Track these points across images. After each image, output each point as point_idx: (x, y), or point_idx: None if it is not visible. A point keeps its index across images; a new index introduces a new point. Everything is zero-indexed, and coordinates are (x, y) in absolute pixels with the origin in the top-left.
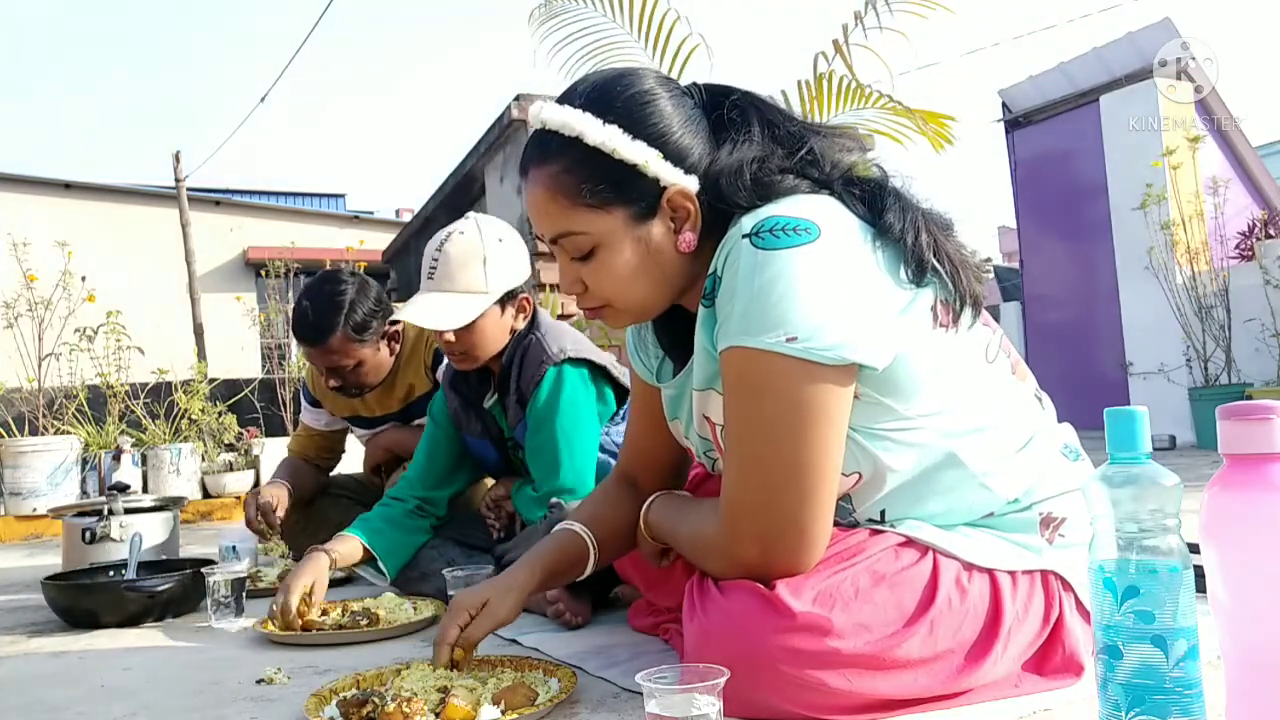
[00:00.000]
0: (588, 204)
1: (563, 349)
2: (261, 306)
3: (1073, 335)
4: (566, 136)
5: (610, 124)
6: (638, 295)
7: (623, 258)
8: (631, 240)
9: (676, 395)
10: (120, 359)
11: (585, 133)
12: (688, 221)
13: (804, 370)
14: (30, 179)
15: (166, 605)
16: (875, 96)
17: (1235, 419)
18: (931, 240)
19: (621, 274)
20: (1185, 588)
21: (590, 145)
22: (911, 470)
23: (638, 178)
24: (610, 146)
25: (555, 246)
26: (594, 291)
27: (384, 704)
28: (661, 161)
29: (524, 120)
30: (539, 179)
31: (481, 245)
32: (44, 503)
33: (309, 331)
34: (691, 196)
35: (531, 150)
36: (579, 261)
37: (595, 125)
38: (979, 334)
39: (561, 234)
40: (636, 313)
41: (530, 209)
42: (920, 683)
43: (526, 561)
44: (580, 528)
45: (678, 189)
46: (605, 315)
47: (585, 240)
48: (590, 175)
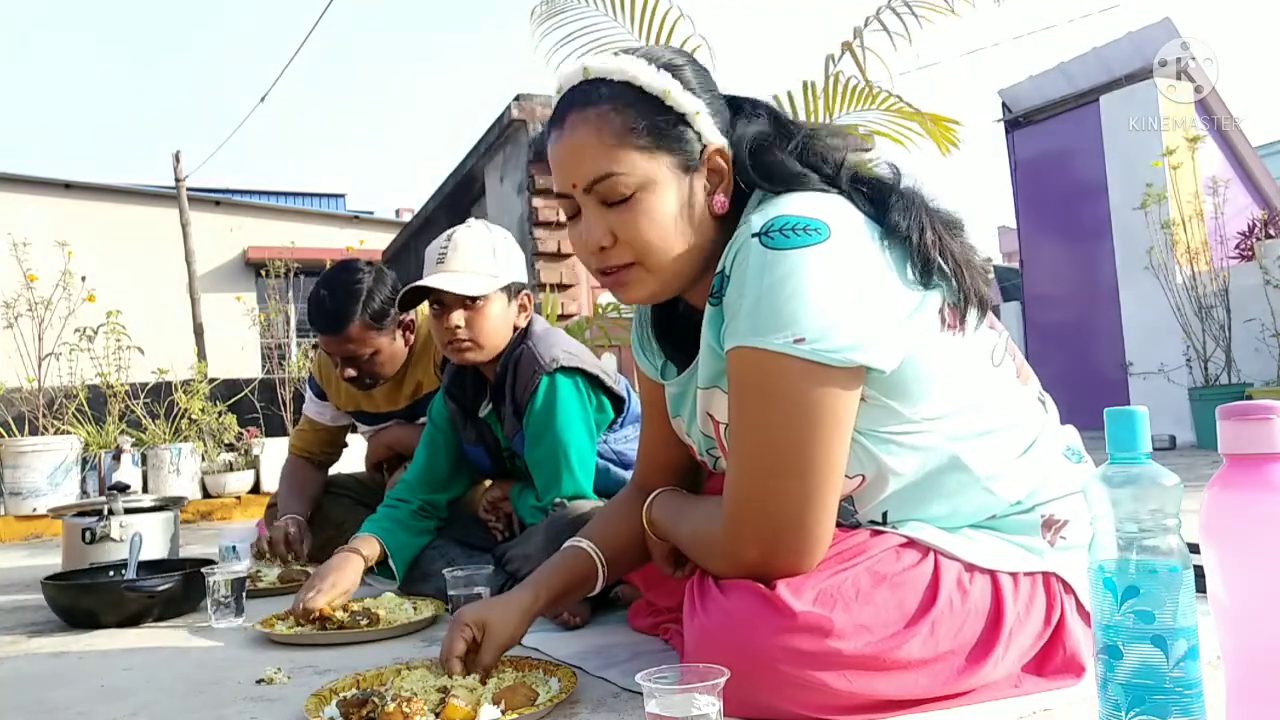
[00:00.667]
0: (636, 145)
1: (554, 358)
2: (261, 306)
3: (1073, 335)
4: (617, 81)
5: (663, 71)
6: (670, 250)
7: (664, 205)
8: (675, 189)
9: (680, 393)
10: (120, 359)
11: (639, 75)
12: (722, 184)
13: (811, 372)
14: (30, 179)
15: (166, 605)
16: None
17: (1235, 419)
18: (937, 239)
19: (661, 221)
20: (1185, 588)
21: (643, 88)
22: (915, 473)
23: (684, 129)
24: (664, 88)
25: (587, 196)
26: (626, 242)
27: (384, 704)
28: (707, 116)
29: (524, 120)
30: (584, 119)
31: (490, 236)
32: (44, 503)
33: (327, 320)
34: (728, 157)
35: (574, 97)
36: (613, 210)
37: (650, 70)
38: (985, 337)
39: (604, 175)
40: (662, 276)
41: (567, 153)
42: (921, 683)
43: (533, 582)
44: (589, 545)
45: (716, 148)
46: (628, 278)
47: (628, 182)
48: (642, 116)
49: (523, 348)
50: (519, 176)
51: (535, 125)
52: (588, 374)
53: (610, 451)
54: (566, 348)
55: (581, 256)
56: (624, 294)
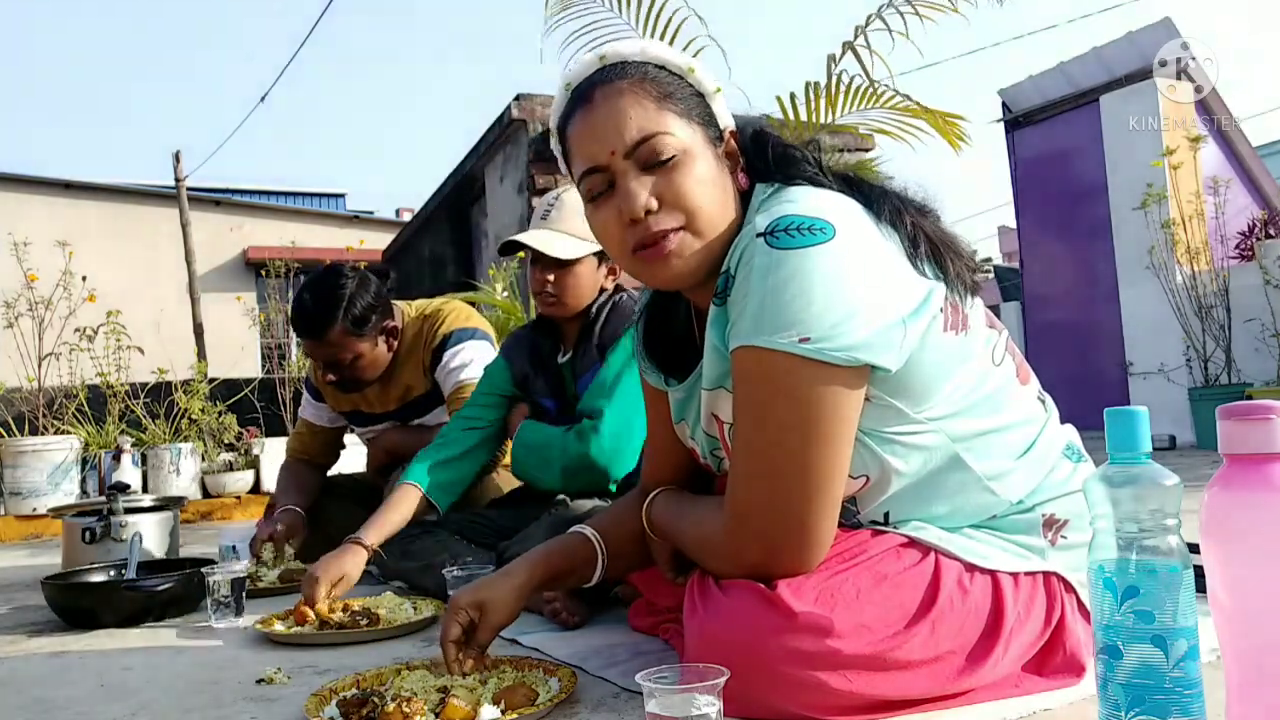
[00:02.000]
0: (675, 110)
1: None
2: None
3: (1073, 335)
4: (641, 61)
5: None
6: (714, 215)
7: (705, 169)
8: (712, 156)
9: (685, 398)
10: (120, 359)
11: (663, 54)
12: (738, 165)
13: (816, 371)
14: (30, 179)
15: (166, 605)
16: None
17: (1235, 419)
18: (914, 223)
19: (706, 184)
20: (1185, 588)
21: (667, 66)
22: (917, 473)
23: (707, 107)
24: (688, 66)
25: (627, 161)
26: (673, 203)
27: (384, 704)
28: (722, 98)
29: (524, 120)
30: (616, 90)
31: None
32: (44, 502)
33: (307, 324)
34: (738, 139)
35: (599, 76)
36: (655, 173)
37: (672, 50)
38: (985, 336)
39: (649, 134)
40: (706, 243)
41: (603, 120)
42: (921, 683)
43: (527, 559)
44: (591, 532)
45: (731, 129)
46: (673, 244)
47: (673, 143)
48: (674, 88)
49: (620, 296)
50: (519, 176)
51: (535, 125)
52: None
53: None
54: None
55: (614, 233)
56: (665, 265)
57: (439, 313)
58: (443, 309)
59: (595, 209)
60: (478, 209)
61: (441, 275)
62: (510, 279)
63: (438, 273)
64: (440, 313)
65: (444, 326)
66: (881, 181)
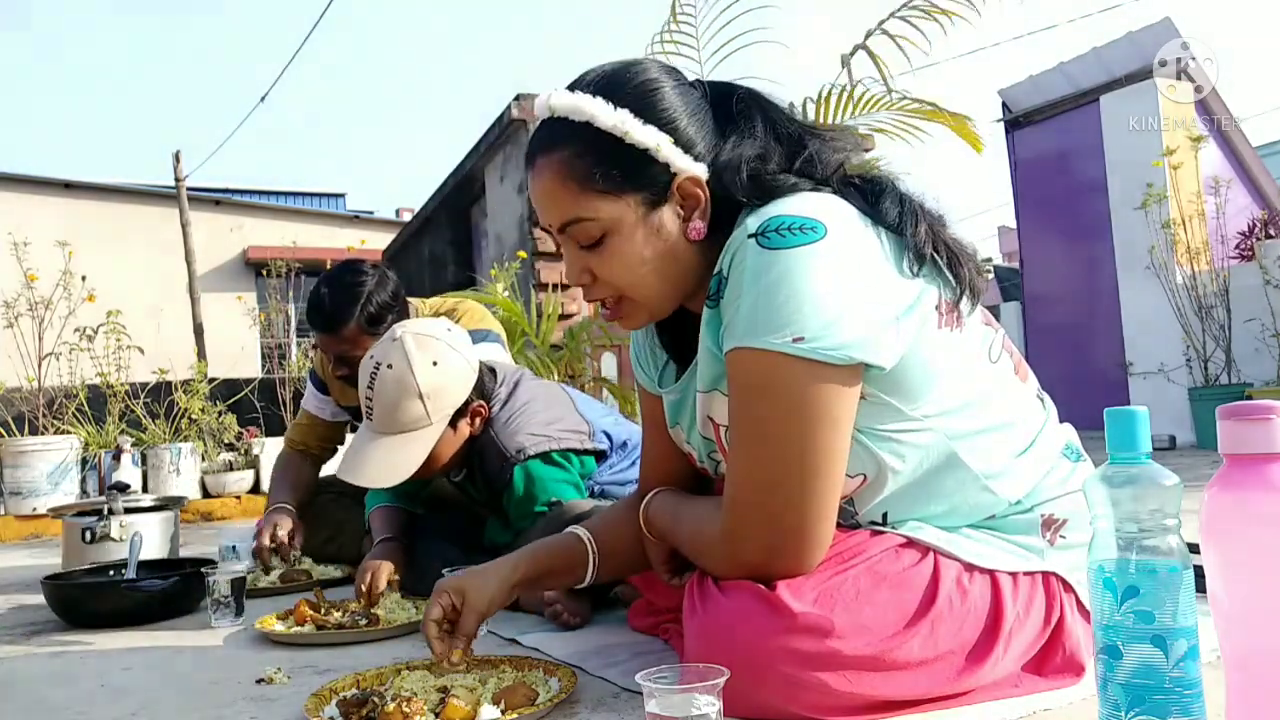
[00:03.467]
0: (599, 189)
1: (521, 448)
2: (262, 306)
3: (1073, 335)
4: (577, 122)
5: (621, 108)
6: (649, 285)
7: (634, 245)
8: (643, 227)
9: (679, 400)
10: (120, 359)
11: (597, 116)
12: (698, 209)
13: (811, 370)
14: (30, 179)
15: (166, 605)
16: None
17: (1235, 419)
18: (929, 230)
19: (632, 262)
20: (1185, 588)
21: (601, 130)
22: (915, 472)
23: (649, 163)
24: (622, 130)
25: (563, 236)
26: (604, 280)
27: (384, 704)
28: (672, 147)
29: (524, 120)
30: (548, 165)
31: (414, 379)
32: (44, 502)
33: (324, 319)
34: (701, 184)
35: (540, 137)
36: (588, 250)
37: (607, 109)
38: (982, 334)
39: (570, 220)
40: (649, 306)
41: (537, 197)
42: (921, 684)
43: (517, 554)
44: (584, 533)
45: (688, 175)
46: (620, 310)
47: (595, 227)
48: (602, 160)
49: (485, 437)
50: (519, 176)
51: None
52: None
53: (597, 487)
54: (530, 430)
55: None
56: (621, 325)
57: (453, 312)
58: (457, 309)
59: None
60: (478, 209)
61: (441, 275)
62: (511, 279)
63: (438, 273)
64: (454, 312)
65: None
66: (893, 181)
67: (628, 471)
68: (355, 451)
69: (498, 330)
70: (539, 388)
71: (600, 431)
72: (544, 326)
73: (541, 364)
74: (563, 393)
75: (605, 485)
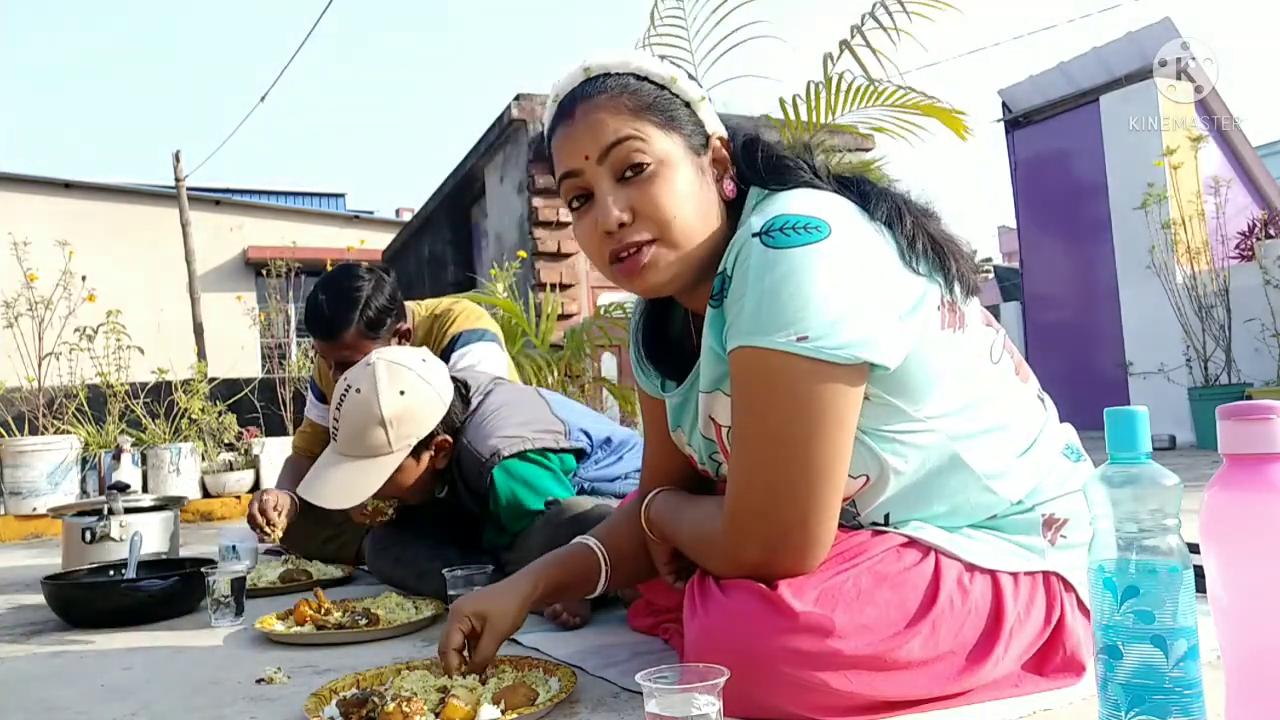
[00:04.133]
0: (653, 120)
1: (495, 451)
2: (262, 306)
3: (1073, 335)
4: (623, 72)
5: (665, 61)
6: (692, 225)
7: (682, 179)
8: (691, 166)
9: (681, 403)
10: (120, 359)
11: (645, 64)
12: (727, 172)
13: (815, 370)
14: (30, 179)
15: (166, 605)
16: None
17: (1235, 419)
18: (914, 222)
19: (681, 195)
20: (1185, 588)
21: (649, 77)
22: (916, 472)
23: (691, 115)
24: (670, 76)
25: (600, 169)
26: (646, 214)
27: (384, 704)
28: (709, 106)
29: (524, 120)
30: (596, 104)
31: (379, 407)
32: (44, 502)
33: (323, 325)
34: (729, 147)
35: (580, 91)
36: (630, 184)
37: (655, 60)
38: (983, 334)
39: (623, 138)
40: (681, 255)
41: (580, 129)
42: (921, 683)
43: (533, 570)
44: (595, 543)
45: (720, 135)
46: (647, 257)
47: (647, 150)
48: (655, 98)
49: (459, 448)
50: (519, 176)
51: (535, 125)
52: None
53: (586, 483)
54: (502, 432)
55: (592, 244)
56: (641, 279)
57: (448, 313)
58: (452, 309)
59: (576, 218)
60: (478, 209)
61: (441, 275)
62: (511, 279)
63: (438, 272)
64: (450, 313)
65: (453, 327)
66: (885, 183)
67: (613, 467)
68: (318, 469)
69: (494, 330)
70: (511, 392)
71: (577, 430)
72: (544, 326)
73: (541, 364)
74: (536, 395)
75: (592, 481)
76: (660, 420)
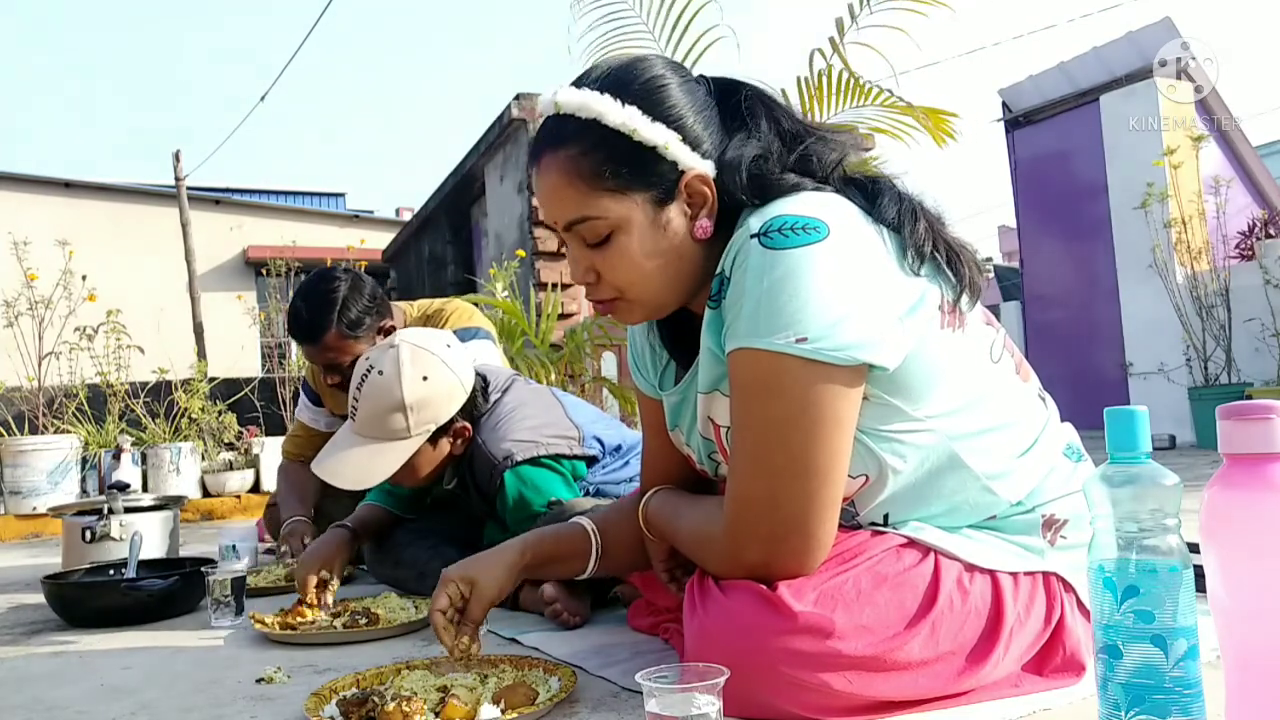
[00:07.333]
0: (607, 188)
1: (509, 454)
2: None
3: (1073, 335)
4: (584, 119)
5: (629, 105)
6: (653, 285)
7: (640, 243)
8: (650, 226)
9: (679, 402)
10: (120, 358)
11: (605, 113)
12: (704, 208)
13: (814, 371)
14: (30, 179)
15: (166, 605)
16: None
17: (1235, 419)
18: (929, 229)
19: (638, 260)
20: (1185, 588)
21: (609, 127)
22: (915, 472)
23: (656, 161)
24: (630, 127)
25: (568, 234)
26: (608, 280)
27: (384, 703)
28: (680, 144)
29: (524, 120)
30: (554, 163)
31: (400, 390)
32: (44, 501)
33: (303, 330)
34: (709, 181)
35: (546, 134)
36: (593, 249)
37: (615, 106)
38: (984, 334)
39: (578, 219)
40: (649, 306)
41: (543, 194)
42: (921, 684)
43: (522, 539)
44: (588, 523)
45: (695, 174)
46: (617, 309)
47: (603, 225)
48: (610, 158)
49: (473, 446)
50: (519, 176)
51: (535, 124)
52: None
53: (592, 487)
54: (516, 435)
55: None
56: (616, 318)
57: (441, 312)
58: (445, 308)
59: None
60: (478, 208)
61: (441, 275)
62: (511, 279)
63: (438, 272)
64: (442, 312)
65: (446, 326)
66: (892, 180)
67: (620, 472)
68: (334, 447)
69: (488, 328)
70: (529, 392)
71: (591, 437)
72: (544, 326)
73: (541, 364)
74: (553, 397)
75: (599, 485)
76: (658, 419)
